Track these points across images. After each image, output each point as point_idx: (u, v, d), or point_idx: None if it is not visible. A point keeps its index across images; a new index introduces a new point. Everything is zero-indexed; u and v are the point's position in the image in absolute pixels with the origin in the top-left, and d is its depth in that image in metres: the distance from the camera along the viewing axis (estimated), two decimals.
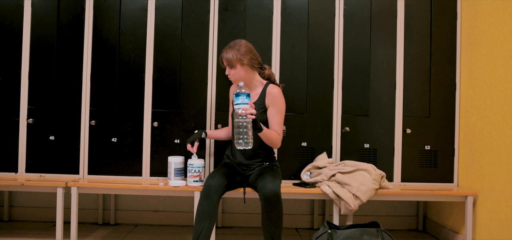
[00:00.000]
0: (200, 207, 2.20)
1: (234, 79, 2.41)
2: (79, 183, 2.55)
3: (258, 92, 2.43)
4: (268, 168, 2.37)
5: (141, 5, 2.79)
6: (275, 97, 2.37)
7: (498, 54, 2.44)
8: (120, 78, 2.78)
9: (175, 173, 2.58)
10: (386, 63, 2.84)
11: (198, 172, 2.50)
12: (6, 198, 3.10)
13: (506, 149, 2.33)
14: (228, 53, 2.37)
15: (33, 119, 2.75)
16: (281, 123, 2.39)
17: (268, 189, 2.16)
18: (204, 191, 2.22)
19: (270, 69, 2.52)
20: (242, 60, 2.35)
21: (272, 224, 2.18)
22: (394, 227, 3.20)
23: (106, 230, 2.96)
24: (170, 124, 2.77)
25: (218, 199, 2.22)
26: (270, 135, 2.31)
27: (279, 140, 2.37)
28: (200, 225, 2.16)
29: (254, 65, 2.40)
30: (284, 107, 2.40)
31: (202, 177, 2.52)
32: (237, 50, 2.35)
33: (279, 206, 2.18)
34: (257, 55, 2.43)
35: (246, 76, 2.39)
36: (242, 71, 2.37)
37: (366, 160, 2.79)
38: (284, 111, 2.41)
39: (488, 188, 2.49)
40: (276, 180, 2.24)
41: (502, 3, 2.41)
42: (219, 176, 2.29)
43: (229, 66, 2.37)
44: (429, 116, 2.85)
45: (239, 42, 2.40)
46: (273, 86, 2.41)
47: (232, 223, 3.17)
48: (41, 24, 2.77)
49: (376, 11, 2.84)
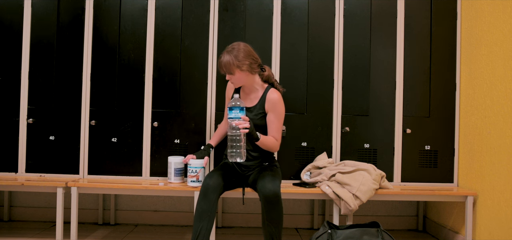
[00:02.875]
0: (198, 207, 2.20)
1: (235, 84, 2.36)
2: (79, 183, 2.55)
3: (258, 96, 2.39)
4: (267, 168, 2.37)
5: (141, 5, 2.79)
6: (274, 103, 2.34)
7: (498, 54, 2.44)
8: (120, 78, 2.78)
9: (175, 173, 2.58)
10: (386, 63, 2.84)
11: (195, 172, 2.48)
12: (6, 198, 3.10)
13: (506, 149, 2.33)
14: (225, 59, 2.26)
15: (33, 119, 2.75)
16: (280, 128, 2.38)
17: (268, 189, 2.16)
18: (202, 190, 2.22)
19: (269, 70, 2.46)
20: (240, 67, 2.26)
21: (272, 224, 2.18)
22: (394, 227, 3.20)
23: (106, 230, 2.96)
24: (170, 124, 2.77)
25: (216, 198, 2.22)
26: (267, 142, 2.32)
27: (277, 146, 2.37)
28: (199, 225, 2.16)
29: (253, 69, 2.32)
30: (284, 112, 2.39)
31: (200, 177, 2.49)
32: (235, 56, 2.25)
33: (279, 206, 2.18)
34: (257, 57, 2.34)
35: (246, 81, 2.34)
36: (242, 76, 2.30)
37: (366, 160, 2.79)
38: (284, 116, 2.40)
39: (488, 188, 2.49)
40: (276, 180, 2.23)
41: (502, 3, 2.41)
42: (217, 176, 2.29)
43: (227, 72, 2.28)
44: (429, 116, 2.85)
45: (237, 46, 2.29)
46: (273, 91, 2.37)
47: (232, 223, 3.17)
48: (41, 24, 2.77)
49: (376, 11, 2.84)
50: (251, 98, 2.41)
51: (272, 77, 2.48)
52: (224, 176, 2.33)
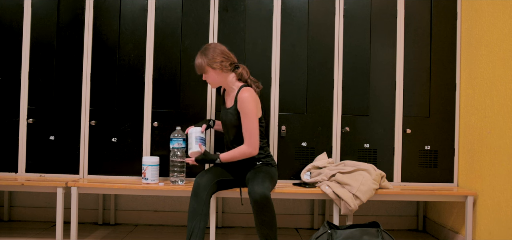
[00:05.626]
0: (190, 206, 2.22)
1: (211, 84, 2.41)
2: (79, 183, 2.55)
3: (233, 96, 2.39)
4: (260, 170, 2.34)
5: (141, 5, 2.79)
6: (243, 102, 2.29)
7: (498, 54, 2.44)
8: (120, 78, 2.78)
9: (196, 141, 2.45)
10: (386, 63, 2.84)
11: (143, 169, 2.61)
12: (6, 198, 3.10)
13: (506, 149, 2.33)
14: (197, 59, 2.36)
15: (33, 119, 2.75)
16: (252, 128, 2.28)
17: (256, 193, 2.13)
18: (193, 190, 2.25)
19: (244, 68, 2.43)
20: (211, 65, 2.33)
21: (265, 226, 2.18)
22: (394, 227, 3.20)
23: (106, 230, 2.96)
24: (170, 124, 2.77)
25: (208, 197, 2.23)
26: (234, 155, 2.32)
27: (248, 151, 2.30)
28: (192, 224, 2.18)
29: (225, 67, 2.35)
30: (253, 109, 2.28)
31: (147, 175, 2.58)
32: (205, 55, 2.33)
33: (269, 208, 2.15)
34: (230, 56, 2.37)
35: (220, 80, 2.38)
36: (214, 74, 2.35)
37: (366, 160, 2.79)
38: (254, 113, 2.29)
39: (488, 188, 2.49)
40: (265, 182, 2.19)
41: (502, 3, 2.41)
42: (208, 175, 2.30)
43: (200, 71, 2.36)
44: (429, 116, 2.85)
45: (209, 45, 2.39)
46: (245, 90, 2.33)
47: (232, 223, 3.17)
48: (41, 24, 2.77)
49: (376, 11, 2.84)
50: (230, 97, 2.43)
51: (245, 75, 2.42)
52: (216, 175, 2.34)
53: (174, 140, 2.53)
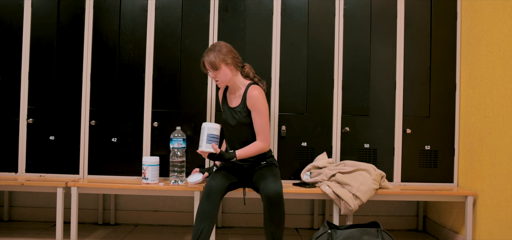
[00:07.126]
0: (200, 207, 2.19)
1: (221, 82, 2.35)
2: (79, 183, 2.55)
3: (241, 94, 2.39)
4: (268, 169, 2.37)
5: (141, 5, 2.79)
6: (254, 99, 2.30)
7: (498, 54, 2.44)
8: (120, 78, 2.78)
9: (208, 139, 2.32)
10: (386, 63, 2.84)
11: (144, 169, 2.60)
12: (6, 198, 3.10)
13: (506, 149, 2.33)
14: (210, 56, 2.31)
15: (33, 119, 2.75)
16: (265, 125, 2.32)
17: (271, 189, 2.15)
18: (205, 191, 2.22)
19: (250, 67, 2.45)
20: (226, 60, 2.30)
21: (274, 224, 2.18)
22: (394, 227, 3.20)
23: (106, 230, 2.96)
24: (170, 124, 2.77)
25: (219, 200, 2.22)
26: (250, 151, 2.31)
27: (263, 146, 2.33)
28: (200, 225, 2.15)
29: (237, 64, 2.36)
30: (266, 107, 2.33)
31: (147, 174, 2.57)
32: (218, 51, 2.30)
33: (281, 206, 2.18)
34: (238, 54, 2.38)
35: (231, 77, 2.35)
36: (228, 70, 2.32)
37: (366, 160, 2.79)
38: (267, 111, 2.34)
39: (488, 188, 2.49)
40: (278, 180, 2.24)
41: (502, 3, 2.41)
42: (220, 177, 2.29)
43: (212, 68, 2.31)
44: (429, 116, 2.85)
45: (218, 43, 2.37)
46: (253, 87, 2.35)
47: (232, 223, 3.17)
48: (41, 24, 2.77)
49: (376, 11, 2.84)
50: (236, 96, 2.42)
51: (251, 73, 2.44)
52: (227, 178, 2.33)
53: (174, 140, 2.54)
